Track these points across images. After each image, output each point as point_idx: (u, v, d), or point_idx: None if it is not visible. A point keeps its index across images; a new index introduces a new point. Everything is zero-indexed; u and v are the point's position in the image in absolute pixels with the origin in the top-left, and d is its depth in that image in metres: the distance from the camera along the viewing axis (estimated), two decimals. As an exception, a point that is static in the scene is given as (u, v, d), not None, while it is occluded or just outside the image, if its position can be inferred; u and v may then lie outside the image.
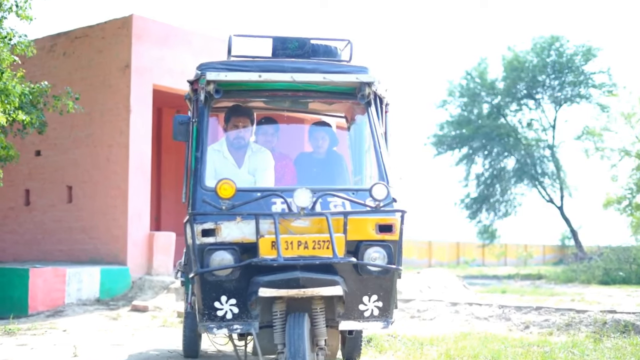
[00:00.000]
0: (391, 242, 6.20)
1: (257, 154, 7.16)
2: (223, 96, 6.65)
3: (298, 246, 5.91)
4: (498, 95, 38.73)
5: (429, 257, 45.68)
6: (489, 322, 11.97)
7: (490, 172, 40.24)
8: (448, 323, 12.09)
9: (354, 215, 6.16)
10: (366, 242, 6.20)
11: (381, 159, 6.61)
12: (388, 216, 6.22)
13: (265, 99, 7.15)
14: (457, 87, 39.44)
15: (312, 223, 6.12)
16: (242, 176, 6.98)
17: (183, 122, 6.74)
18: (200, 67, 6.61)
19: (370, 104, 6.80)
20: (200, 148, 6.50)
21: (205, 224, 6.07)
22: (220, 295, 6.08)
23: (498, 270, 39.40)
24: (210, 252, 6.02)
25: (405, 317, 12.77)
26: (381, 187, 6.13)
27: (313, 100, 7.16)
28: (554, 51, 37.65)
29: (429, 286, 17.50)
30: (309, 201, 6.01)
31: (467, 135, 38.85)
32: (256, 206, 6.13)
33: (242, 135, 7.13)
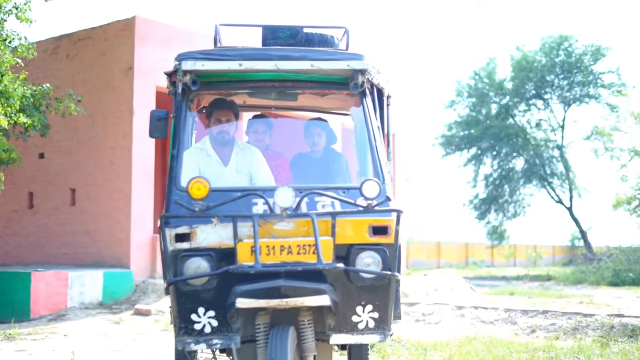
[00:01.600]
0: (386, 245, 5.62)
1: (246, 152, 6.60)
2: (202, 88, 6.13)
3: (281, 251, 5.37)
4: (506, 96, 38.57)
5: (438, 258, 45.53)
6: (495, 326, 11.84)
7: (499, 172, 40.09)
8: (453, 327, 11.95)
9: (343, 216, 5.58)
10: (358, 245, 5.62)
11: (376, 154, 5.96)
12: (382, 217, 5.62)
13: (250, 91, 6.48)
14: (465, 88, 39.32)
15: (297, 225, 5.53)
16: (228, 175, 6.44)
17: (161, 117, 6.19)
18: (178, 57, 6.01)
19: (365, 94, 6.13)
20: (176, 145, 5.95)
21: (178, 228, 5.52)
22: (197, 307, 5.55)
23: (507, 271, 39.21)
24: (184, 259, 5.49)
25: (410, 320, 12.65)
26: (372, 184, 5.51)
27: (302, 91, 6.46)
28: (562, 51, 37.45)
29: (435, 289, 17.41)
30: (292, 201, 5.41)
31: (475, 136, 38.72)
32: (234, 207, 5.55)
33: (225, 129, 6.51)
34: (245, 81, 6.29)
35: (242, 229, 5.46)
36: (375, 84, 6.34)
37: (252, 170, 6.49)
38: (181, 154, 5.91)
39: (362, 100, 6.16)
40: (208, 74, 6.05)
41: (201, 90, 6.19)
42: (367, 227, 5.62)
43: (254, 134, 7.30)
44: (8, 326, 12.03)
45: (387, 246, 5.64)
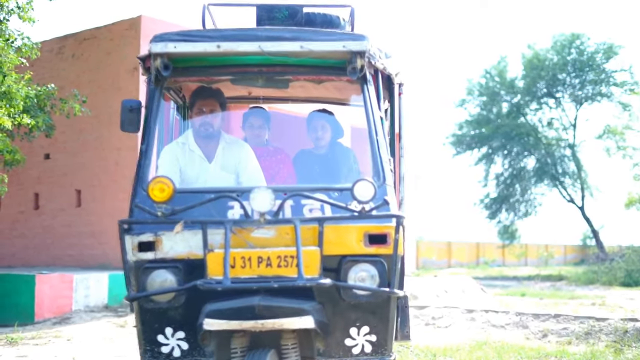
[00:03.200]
0: (384, 257, 4.84)
1: (233, 147, 5.87)
2: (179, 74, 5.42)
3: (258, 263, 4.63)
4: (518, 94, 38.34)
5: (449, 258, 45.34)
6: (506, 330, 11.62)
7: (510, 171, 39.86)
8: (464, 331, 11.73)
9: (333, 223, 4.81)
10: (351, 257, 4.85)
11: (377, 150, 5.17)
12: (380, 223, 4.85)
13: (232, 77, 5.70)
14: (476, 86, 39.11)
15: (279, 233, 4.80)
16: (212, 172, 5.74)
17: (133, 108, 5.39)
18: (154, 40, 5.27)
19: (365, 80, 5.28)
20: (145, 140, 5.22)
21: (142, 236, 4.84)
22: (164, 327, 4.91)
23: (518, 270, 39.02)
24: (147, 272, 4.81)
25: (419, 324, 12.43)
26: (366, 185, 4.75)
27: (294, 77, 5.66)
28: (574, 49, 37.17)
29: (445, 290, 17.19)
30: (270, 204, 4.68)
31: (486, 135, 38.50)
32: (206, 212, 4.87)
33: (208, 121, 5.74)
34: (228, 66, 5.48)
35: (215, 237, 4.77)
36: (379, 69, 5.55)
37: (239, 167, 5.81)
38: (150, 149, 5.22)
39: (362, 87, 5.34)
40: (184, 57, 5.28)
41: (177, 77, 5.51)
42: (362, 235, 4.87)
43: (249, 129, 6.71)
44: (12, 330, 11.89)
45: (385, 258, 4.87)
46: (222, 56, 5.27)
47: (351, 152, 6.74)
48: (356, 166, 6.61)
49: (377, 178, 5.08)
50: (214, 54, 5.22)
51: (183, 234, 4.82)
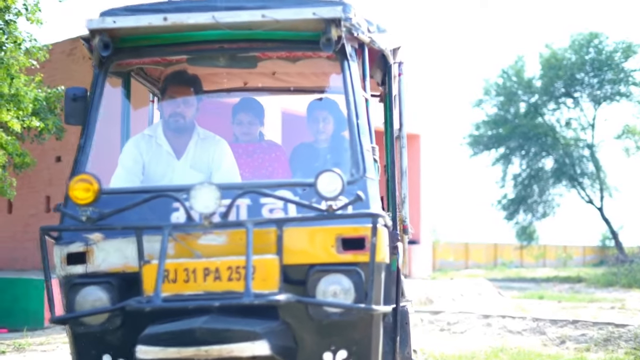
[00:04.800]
0: (362, 265, 4.03)
1: (207, 142, 5.16)
2: (128, 56, 4.75)
3: (205, 276, 3.94)
4: (535, 94, 38.00)
5: (466, 259, 45.04)
6: (523, 336, 11.43)
7: (528, 172, 39.53)
8: (479, 337, 11.55)
9: (295, 225, 4.07)
10: (320, 266, 4.07)
11: (357, 136, 4.38)
12: (356, 224, 4.06)
13: (189, 56, 4.90)
14: (493, 86, 38.78)
15: (231, 239, 4.09)
16: (180, 170, 5.06)
17: (77, 97, 4.74)
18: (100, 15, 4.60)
19: (344, 55, 4.48)
20: (84, 132, 4.57)
21: (71, 246, 4.18)
22: (101, 354, 4.20)
23: (537, 272, 38.76)
24: (76, 289, 4.14)
25: (434, 330, 12.25)
26: (330, 178, 3.96)
27: (261, 54, 4.89)
28: (592, 48, 36.80)
29: (461, 294, 17.07)
30: (215, 204, 3.94)
31: (503, 135, 38.19)
32: (144, 215, 4.16)
33: (180, 111, 5.01)
34: (183, 44, 4.73)
35: (155, 246, 4.02)
36: (366, 43, 4.76)
37: (212, 165, 5.09)
38: (89, 143, 4.56)
39: (341, 63, 4.52)
40: (131, 35, 4.61)
41: (126, 59, 4.82)
42: (334, 239, 4.07)
43: (238, 125, 6.04)
44: (21, 334, 11.79)
45: (363, 266, 4.04)
46: (173, 32, 4.57)
47: None
48: None
49: (356, 169, 4.30)
50: (162, 29, 4.50)
51: (117, 242, 4.14)
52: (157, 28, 4.48)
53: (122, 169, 5.00)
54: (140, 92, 5.92)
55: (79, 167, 4.48)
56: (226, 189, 4.11)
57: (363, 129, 4.42)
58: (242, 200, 4.19)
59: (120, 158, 5.06)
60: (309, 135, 6.11)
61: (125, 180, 4.90)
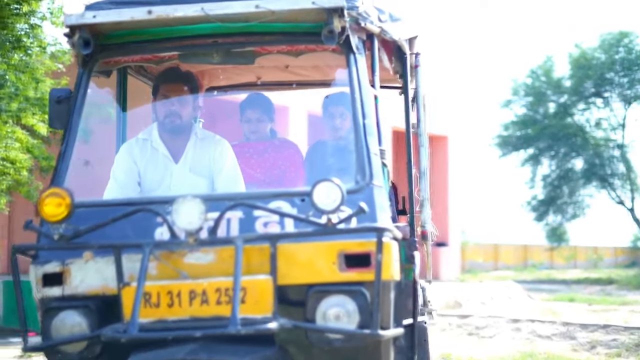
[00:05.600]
0: (366, 284, 3.60)
1: (206, 143, 4.76)
2: (115, 53, 4.41)
3: (191, 300, 3.56)
4: (565, 94, 37.71)
5: (495, 260, 44.77)
6: (552, 340, 11.29)
7: (558, 173, 39.24)
8: (508, 341, 11.44)
9: (290, 240, 3.67)
10: (320, 286, 3.66)
11: (363, 138, 3.95)
12: (360, 239, 3.63)
13: (180, 52, 4.53)
14: (522, 86, 38.57)
15: (219, 257, 3.69)
16: (179, 176, 4.66)
17: (62, 99, 4.39)
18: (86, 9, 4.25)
19: (350, 47, 4.08)
20: (65, 138, 4.22)
21: (46, 266, 3.80)
22: None
23: (567, 273, 38.49)
24: (52, 313, 3.76)
25: (462, 334, 12.16)
26: (328, 188, 3.56)
27: (260, 48, 4.50)
28: (622, 47, 36.46)
29: (491, 297, 16.96)
30: (200, 219, 3.56)
31: (532, 136, 37.93)
32: (125, 232, 3.78)
33: (175, 111, 4.58)
34: (173, 39, 4.35)
35: (137, 266, 3.63)
36: (376, 34, 4.35)
37: (213, 168, 4.69)
38: (70, 150, 4.18)
39: (347, 57, 4.13)
40: (118, 31, 4.27)
41: (112, 57, 4.46)
42: (336, 256, 3.66)
43: (246, 123, 5.64)
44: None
45: (366, 286, 3.62)
46: (161, 26, 4.21)
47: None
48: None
49: (362, 176, 3.88)
50: (148, 23, 4.15)
51: (96, 262, 3.76)
52: (143, 22, 4.13)
53: (115, 182, 4.63)
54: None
55: (58, 178, 4.08)
56: (214, 201, 3.77)
57: (370, 130, 3.99)
58: (234, 213, 3.80)
59: (113, 169, 4.68)
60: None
61: (119, 195, 4.52)
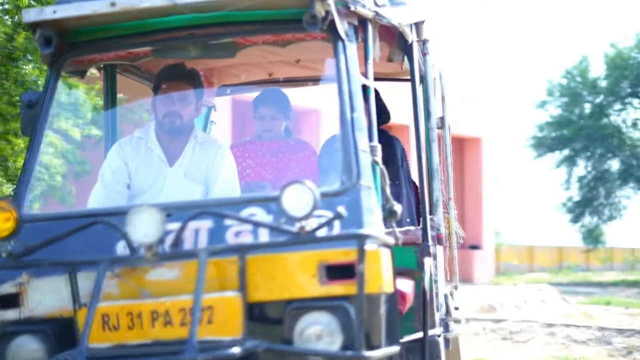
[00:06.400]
0: (351, 299, 3.17)
1: (205, 147, 4.44)
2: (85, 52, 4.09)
3: (153, 321, 3.23)
4: (600, 94, 37.39)
5: (530, 262, 44.44)
6: (588, 346, 11.14)
7: (594, 174, 38.88)
8: (542, 347, 11.31)
9: (262, 251, 3.31)
10: (298, 302, 3.26)
11: (350, 133, 3.52)
12: (342, 247, 3.21)
13: (153, 47, 4.20)
14: (557, 87, 38.29)
15: (185, 273, 3.33)
16: (171, 180, 4.33)
17: (32, 103, 4.06)
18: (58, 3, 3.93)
19: (337, 34, 3.67)
20: (31, 144, 3.91)
21: (1, 287, 3.51)
22: None
23: (603, 275, 38.07)
24: (8, 339, 3.44)
25: (496, 338, 12.04)
26: (297, 192, 3.18)
27: (242, 39, 4.16)
28: (659, 46, 36.11)
29: (525, 300, 16.76)
30: (158, 231, 3.21)
31: (568, 137, 37.63)
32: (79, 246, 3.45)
33: (175, 110, 4.28)
34: (146, 33, 3.98)
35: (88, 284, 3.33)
36: (369, 19, 3.89)
37: (209, 174, 4.36)
38: (35, 157, 3.85)
39: (334, 44, 3.71)
40: (87, 27, 3.95)
41: (82, 55, 4.14)
42: (316, 267, 3.25)
43: (259, 120, 5.29)
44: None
45: (349, 301, 3.19)
46: (131, 19, 3.87)
47: (397, 142, 5.25)
48: (404, 163, 5.22)
49: (348, 175, 3.45)
50: (115, 17, 3.81)
51: (52, 281, 3.43)
52: (110, 16, 3.79)
53: (101, 184, 4.30)
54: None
55: (21, 190, 3.78)
56: (179, 210, 3.48)
57: (359, 125, 3.56)
58: (202, 223, 3.43)
59: (101, 170, 4.38)
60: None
61: (104, 199, 4.23)
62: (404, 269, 4.13)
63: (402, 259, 4.03)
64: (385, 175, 3.58)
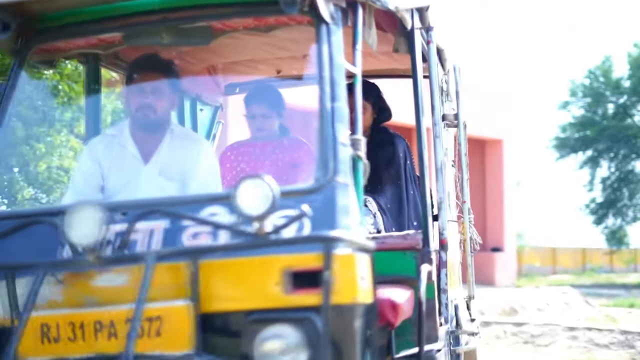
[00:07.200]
0: (316, 310, 2.79)
1: (183, 142, 4.06)
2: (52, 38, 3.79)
3: (96, 333, 2.90)
4: (624, 95, 37.14)
5: (553, 264, 44.16)
6: (610, 349, 11.06)
7: (617, 175, 38.59)
8: (564, 350, 11.24)
9: (220, 256, 2.94)
10: (260, 313, 2.87)
11: (330, 126, 3.12)
12: (308, 252, 2.83)
13: (121, 33, 3.82)
14: (579, 87, 38.06)
15: (134, 279, 2.93)
16: (146, 179, 3.97)
17: None
18: None
19: (319, 17, 3.24)
20: None
21: None
22: None
23: (627, 277, 37.78)
24: None
25: (517, 342, 11.97)
26: (254, 189, 2.82)
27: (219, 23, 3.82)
28: (683, 46, 35.83)
29: (547, 303, 16.67)
30: (95, 232, 2.88)
31: (591, 137, 37.38)
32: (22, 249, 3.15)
33: (149, 103, 3.90)
34: (117, 17, 3.63)
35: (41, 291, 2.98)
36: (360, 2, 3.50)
37: (187, 172, 3.97)
38: None
39: (316, 28, 3.29)
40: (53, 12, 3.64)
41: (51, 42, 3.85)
42: (280, 274, 2.87)
43: (251, 119, 4.89)
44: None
45: (314, 312, 2.80)
46: (99, 3, 3.56)
47: (399, 140, 4.94)
48: (408, 161, 4.87)
49: (323, 171, 3.07)
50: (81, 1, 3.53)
51: None
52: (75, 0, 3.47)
53: (71, 189, 4.05)
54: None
55: None
56: (134, 208, 3.14)
57: (339, 115, 3.17)
58: (157, 223, 3.09)
59: (72, 173, 4.22)
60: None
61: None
62: (403, 277, 3.83)
63: (401, 266, 3.83)
64: (366, 173, 3.21)
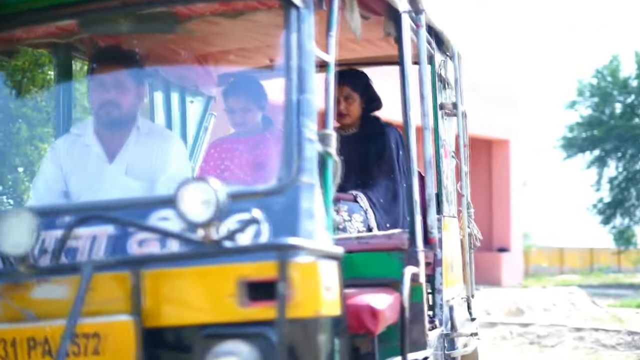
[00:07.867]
0: (270, 325, 2.51)
1: (150, 139, 3.79)
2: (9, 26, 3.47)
3: (29, 350, 2.63)
4: (632, 94, 37.06)
5: (560, 264, 44.05)
6: (617, 350, 11.01)
7: (625, 175, 38.51)
8: (570, 351, 11.19)
9: (168, 266, 2.66)
10: (212, 328, 2.59)
11: (295, 121, 2.81)
12: (264, 260, 2.54)
13: (80, 20, 3.54)
14: (587, 87, 37.99)
15: (72, 290, 2.64)
16: (111, 179, 3.69)
17: None
18: None
19: (288, 0, 2.92)
20: None
21: None
22: None
23: (635, 277, 37.67)
24: None
25: (523, 343, 11.92)
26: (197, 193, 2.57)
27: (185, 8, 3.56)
28: (691, 45, 35.70)
29: (554, 304, 16.61)
30: (28, 240, 2.64)
31: (598, 137, 37.30)
32: None
33: (112, 99, 3.66)
34: (75, 4, 3.31)
35: None
36: None
37: (155, 168, 3.72)
38: None
39: (285, 11, 2.96)
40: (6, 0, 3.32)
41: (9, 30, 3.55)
42: (235, 285, 2.59)
43: (230, 113, 4.66)
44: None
45: (269, 328, 2.52)
46: None
47: (392, 132, 4.68)
48: (402, 153, 4.53)
49: (287, 170, 2.79)
50: None
51: None
52: None
53: (34, 196, 3.84)
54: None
55: None
56: (65, 213, 2.91)
57: (306, 108, 2.85)
58: (102, 229, 2.83)
59: (34, 181, 3.95)
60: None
61: None
62: (387, 280, 3.60)
63: (386, 268, 3.61)
64: (338, 171, 2.95)
